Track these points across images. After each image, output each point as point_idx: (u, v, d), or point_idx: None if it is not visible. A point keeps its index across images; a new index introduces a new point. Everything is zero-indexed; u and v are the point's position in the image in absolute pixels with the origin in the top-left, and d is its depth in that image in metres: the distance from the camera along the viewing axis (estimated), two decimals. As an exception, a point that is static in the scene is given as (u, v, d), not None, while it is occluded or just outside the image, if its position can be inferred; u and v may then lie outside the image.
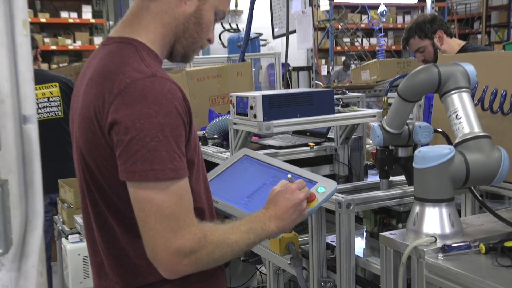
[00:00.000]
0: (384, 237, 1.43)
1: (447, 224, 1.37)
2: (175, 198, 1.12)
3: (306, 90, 2.14)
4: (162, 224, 1.10)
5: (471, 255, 1.28)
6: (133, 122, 1.11)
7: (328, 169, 2.37)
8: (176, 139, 1.14)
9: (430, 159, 1.37)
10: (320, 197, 1.39)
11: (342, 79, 10.12)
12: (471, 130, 1.44)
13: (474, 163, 1.40)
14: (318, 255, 1.74)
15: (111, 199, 1.23)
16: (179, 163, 1.13)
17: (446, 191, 1.38)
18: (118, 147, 1.13)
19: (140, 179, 1.10)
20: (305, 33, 3.84)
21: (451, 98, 1.49)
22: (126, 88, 1.13)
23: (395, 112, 1.65)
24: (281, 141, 2.45)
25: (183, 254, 1.11)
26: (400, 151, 1.74)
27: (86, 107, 1.20)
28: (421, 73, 1.54)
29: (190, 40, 1.31)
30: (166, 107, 1.12)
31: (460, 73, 1.51)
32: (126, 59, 1.19)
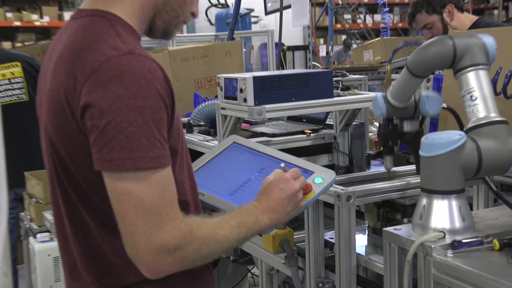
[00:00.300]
0: (387, 232, 1.44)
1: (457, 218, 1.37)
2: (157, 189, 1.12)
3: (302, 71, 2.15)
4: (143, 218, 1.10)
5: (484, 252, 1.29)
6: (108, 105, 1.10)
7: (327, 159, 2.38)
8: (157, 124, 1.13)
9: (438, 146, 1.37)
10: (317, 188, 1.40)
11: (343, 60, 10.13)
12: (486, 114, 1.44)
13: (487, 151, 1.40)
14: (315, 254, 1.75)
15: (85, 192, 1.23)
16: (160, 151, 1.13)
17: (456, 182, 1.39)
18: (92, 133, 1.12)
19: (117, 168, 1.10)
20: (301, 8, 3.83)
21: (467, 76, 1.48)
22: (100, 67, 1.13)
23: (402, 86, 1.63)
24: (274, 128, 2.46)
25: (167, 251, 1.11)
26: (406, 125, 1.73)
27: (56, 89, 1.20)
28: (434, 45, 1.52)
29: (172, 14, 1.30)
30: (146, 88, 1.12)
31: (478, 47, 1.49)
32: (99, 34, 1.18)
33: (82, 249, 1.28)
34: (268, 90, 1.97)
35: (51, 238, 2.96)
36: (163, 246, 1.11)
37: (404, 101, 1.66)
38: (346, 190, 1.62)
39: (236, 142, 1.62)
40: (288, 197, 1.31)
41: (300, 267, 1.83)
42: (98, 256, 1.26)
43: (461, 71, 1.49)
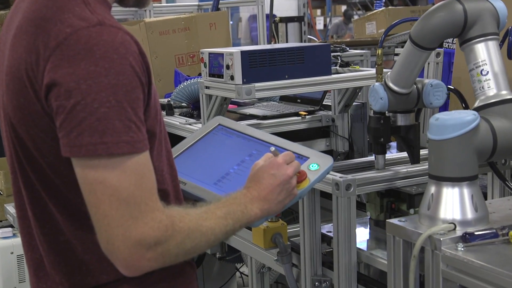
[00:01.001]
0: (391, 225, 1.45)
1: (469, 208, 1.38)
2: (134, 177, 1.12)
3: (296, 45, 2.14)
4: (119, 209, 1.10)
5: (498, 245, 1.30)
6: (77, 83, 1.09)
7: (324, 144, 2.39)
8: (132, 104, 1.13)
9: (450, 128, 1.37)
10: (312, 176, 1.40)
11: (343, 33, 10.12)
12: (498, 92, 1.46)
13: (502, 132, 1.42)
14: (311, 249, 1.75)
15: (51, 181, 1.23)
16: (136, 134, 1.13)
17: (469, 167, 1.39)
18: (58, 115, 1.11)
19: (88, 154, 1.09)
20: (295, -25, 3.82)
21: (476, 48, 1.49)
22: (66, 40, 1.11)
23: (406, 64, 1.63)
24: (265, 110, 2.46)
25: (147, 245, 1.11)
26: (400, 118, 1.74)
27: (15, 65, 1.19)
28: (441, 10, 1.52)
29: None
30: (119, 63, 1.11)
31: (490, 13, 1.50)
32: (64, 3, 1.17)
33: (49, 245, 1.28)
34: (258, 66, 1.97)
35: (14, 233, 2.95)
36: (142, 240, 1.10)
37: (408, 85, 1.66)
38: (346, 178, 1.63)
39: (222, 125, 1.62)
40: (281, 184, 1.31)
41: (295, 264, 1.84)
42: (67, 252, 1.26)
43: (470, 41, 1.50)
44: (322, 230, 1.79)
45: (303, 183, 1.38)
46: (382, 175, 1.73)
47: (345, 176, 1.65)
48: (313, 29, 7.99)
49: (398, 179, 1.74)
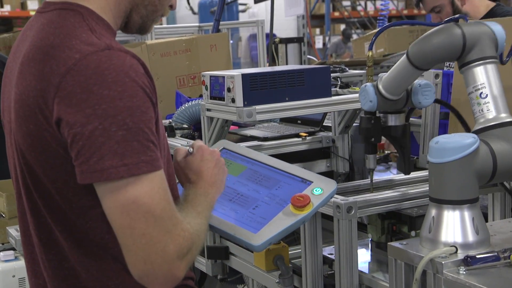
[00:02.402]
0: (393, 247, 1.44)
1: (471, 231, 1.38)
2: (162, 192, 1.14)
3: (296, 67, 2.15)
4: (156, 226, 1.11)
5: (501, 269, 1.30)
6: (93, 108, 1.10)
7: (325, 165, 2.39)
8: (148, 124, 1.15)
9: (450, 151, 1.37)
10: (316, 200, 1.40)
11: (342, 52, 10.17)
12: (497, 114, 1.46)
13: (502, 155, 1.42)
14: (313, 271, 1.75)
15: (59, 207, 1.23)
16: (154, 153, 1.15)
17: (469, 190, 1.39)
18: (75, 143, 1.12)
19: (110, 177, 1.10)
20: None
21: (475, 71, 1.49)
22: (75, 65, 1.13)
23: (399, 78, 1.63)
24: (266, 131, 2.46)
25: (182, 255, 1.14)
26: (391, 118, 1.74)
27: (25, 92, 1.20)
28: (440, 34, 1.52)
29: (150, 8, 1.32)
30: (131, 86, 1.13)
31: (488, 37, 1.51)
32: (71, 30, 1.19)
33: (53, 271, 1.28)
34: (259, 89, 1.97)
35: (16, 256, 2.94)
36: (179, 251, 1.13)
37: (397, 94, 1.66)
38: (347, 201, 1.63)
39: (226, 148, 1.63)
40: (216, 164, 1.37)
41: (296, 286, 1.83)
42: (71, 279, 1.26)
43: (469, 64, 1.50)
44: (324, 253, 1.79)
45: (307, 207, 1.38)
46: (383, 197, 1.73)
47: (346, 198, 1.65)
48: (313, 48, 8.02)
49: (399, 201, 1.74)
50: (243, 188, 1.49)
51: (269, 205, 1.43)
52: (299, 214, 1.38)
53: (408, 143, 1.78)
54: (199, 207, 1.28)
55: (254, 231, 1.37)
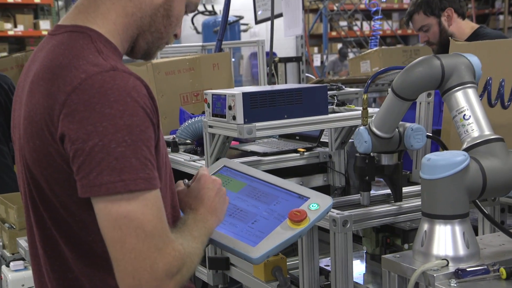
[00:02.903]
0: (387, 260, 1.44)
1: (461, 245, 1.38)
2: (155, 210, 1.12)
3: (295, 86, 2.15)
4: (145, 242, 1.09)
5: (490, 281, 1.30)
6: (93, 125, 1.10)
7: (322, 179, 2.38)
8: (147, 143, 1.14)
9: (441, 168, 1.38)
10: (312, 215, 1.40)
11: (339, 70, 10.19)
12: (481, 133, 1.47)
13: (491, 171, 1.42)
14: (310, 282, 1.74)
15: (63, 220, 1.22)
16: (152, 172, 1.14)
17: (460, 206, 1.40)
18: (76, 158, 1.11)
19: (108, 192, 1.09)
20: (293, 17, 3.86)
21: (456, 96, 1.52)
22: (81, 84, 1.13)
23: (388, 112, 1.65)
24: (265, 147, 2.46)
25: (171, 274, 1.11)
26: (384, 158, 1.76)
27: (33, 110, 1.20)
28: (421, 65, 1.55)
29: (156, 35, 1.32)
30: (132, 106, 1.12)
31: (465, 66, 1.54)
32: (79, 51, 1.19)
33: (58, 282, 1.27)
34: (259, 107, 1.97)
35: (25, 266, 2.93)
36: (168, 270, 1.11)
37: (390, 130, 1.69)
38: (342, 215, 1.63)
39: (227, 166, 1.63)
40: (217, 193, 1.36)
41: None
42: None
43: (450, 90, 1.53)
44: (320, 264, 1.79)
45: (304, 222, 1.38)
46: (377, 212, 1.73)
47: (342, 212, 1.65)
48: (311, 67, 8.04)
49: (392, 215, 1.74)
50: (243, 204, 1.48)
51: (267, 219, 1.42)
52: (296, 228, 1.38)
53: (400, 180, 1.81)
54: (196, 232, 1.26)
55: (253, 245, 1.37)
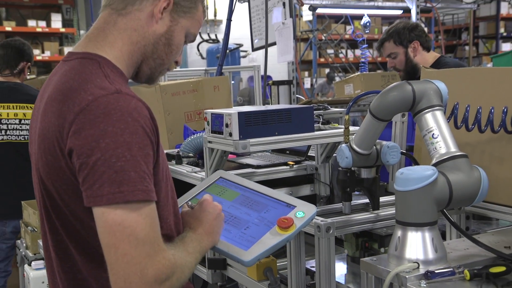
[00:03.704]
0: (365, 263, 1.43)
1: (430, 249, 1.37)
2: (149, 220, 1.10)
3: (285, 106, 2.14)
4: (137, 248, 1.07)
5: (456, 282, 1.28)
6: (97, 142, 1.09)
7: (309, 189, 2.36)
8: (145, 159, 1.12)
9: (413, 181, 1.37)
10: (298, 222, 1.38)
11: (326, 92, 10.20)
12: (447, 150, 1.47)
13: (457, 184, 1.41)
14: (297, 282, 1.72)
15: (73, 226, 1.21)
16: (149, 185, 1.12)
17: (429, 214, 1.39)
18: (81, 171, 1.10)
19: (108, 202, 1.07)
20: (285, 45, 3.86)
21: (425, 117, 1.52)
22: (88, 105, 1.12)
23: (366, 131, 1.65)
24: (259, 160, 2.45)
25: (160, 281, 1.08)
26: (363, 172, 1.76)
27: (46, 127, 1.19)
28: (395, 90, 1.56)
29: (158, 61, 1.31)
30: (132, 125, 1.11)
31: (433, 91, 1.54)
32: (88, 76, 1.18)
33: (68, 282, 1.26)
34: (252, 125, 1.96)
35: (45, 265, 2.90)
36: (157, 276, 1.08)
37: (368, 148, 1.68)
38: (326, 222, 1.61)
39: (223, 177, 1.61)
40: (216, 218, 1.34)
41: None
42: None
43: (420, 112, 1.53)
44: (306, 265, 1.76)
45: (291, 228, 1.36)
46: (357, 219, 1.71)
47: (326, 219, 1.63)
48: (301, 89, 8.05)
49: (370, 222, 1.72)
50: (236, 212, 1.46)
51: (258, 226, 1.41)
52: (284, 234, 1.36)
53: (377, 192, 1.80)
54: (190, 248, 1.24)
55: (245, 249, 1.35)
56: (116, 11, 1.26)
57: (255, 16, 4.38)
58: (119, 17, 1.26)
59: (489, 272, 1.27)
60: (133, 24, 1.26)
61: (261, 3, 4.11)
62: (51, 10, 9.10)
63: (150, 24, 1.26)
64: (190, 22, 1.31)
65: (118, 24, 1.26)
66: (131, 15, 1.26)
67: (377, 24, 12.14)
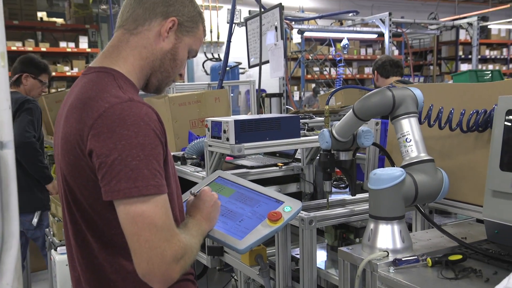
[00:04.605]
0: (342, 251, 1.41)
1: (398, 240, 1.35)
2: (164, 210, 1.09)
3: (275, 115, 2.12)
4: (157, 234, 1.06)
5: (419, 268, 1.27)
6: (114, 144, 1.07)
7: (295, 187, 2.35)
8: (156, 158, 1.11)
9: (384, 181, 1.36)
10: (286, 216, 1.37)
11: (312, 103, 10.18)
12: (418, 154, 1.45)
13: (422, 184, 1.40)
14: (284, 267, 1.70)
15: (91, 218, 1.19)
16: (160, 180, 1.10)
17: (398, 210, 1.37)
18: (101, 169, 1.08)
19: (125, 196, 1.06)
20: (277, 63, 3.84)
21: (402, 123, 1.49)
22: (105, 112, 1.10)
23: (347, 126, 1.62)
24: (253, 162, 2.43)
25: (176, 260, 1.08)
26: (342, 154, 1.72)
27: (68, 132, 1.17)
28: (377, 95, 1.52)
29: (165, 74, 1.29)
30: (144, 128, 1.10)
31: (411, 98, 1.51)
32: (104, 86, 1.16)
33: (86, 266, 1.23)
34: (247, 131, 1.94)
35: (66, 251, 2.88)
36: (174, 256, 1.08)
37: (346, 137, 1.66)
38: (309, 215, 1.59)
39: (221, 176, 1.59)
40: (213, 205, 1.33)
41: (272, 277, 1.78)
42: (99, 272, 1.21)
43: (398, 117, 1.50)
44: (292, 253, 1.74)
45: (279, 221, 1.35)
46: (336, 213, 1.69)
47: (309, 214, 1.61)
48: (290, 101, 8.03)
49: (347, 216, 1.70)
50: (232, 206, 1.44)
51: (251, 219, 1.39)
52: (273, 226, 1.34)
53: (354, 172, 1.76)
54: (194, 232, 1.23)
55: (239, 239, 1.33)
56: (128, 31, 1.25)
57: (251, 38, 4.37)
58: (131, 36, 1.24)
59: (448, 259, 1.26)
60: (143, 42, 1.24)
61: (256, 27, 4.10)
62: (79, 33, 9.15)
63: (158, 42, 1.25)
64: (192, 40, 1.29)
65: (130, 42, 1.24)
66: (142, 34, 1.24)
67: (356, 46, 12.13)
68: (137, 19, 1.24)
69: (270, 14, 4.00)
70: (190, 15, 1.27)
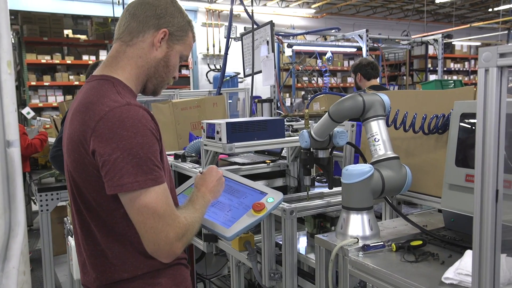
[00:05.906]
0: (318, 238, 1.39)
1: (367, 228, 1.33)
2: (164, 198, 1.08)
3: (262, 118, 2.10)
4: (160, 221, 1.07)
5: (385, 253, 1.25)
6: (116, 144, 1.05)
7: (282, 182, 2.33)
8: (154, 154, 1.10)
9: (355, 176, 1.34)
10: (269, 206, 1.35)
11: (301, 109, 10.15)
12: (385, 152, 1.43)
13: (388, 178, 1.38)
14: (269, 252, 1.68)
15: (94, 209, 1.17)
16: (158, 173, 1.09)
17: (367, 201, 1.35)
18: (104, 167, 1.07)
19: (127, 190, 1.06)
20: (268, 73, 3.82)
21: (371, 124, 1.48)
22: (105, 115, 1.08)
23: (323, 127, 1.61)
24: (244, 159, 2.41)
25: (178, 239, 1.09)
26: (320, 153, 1.72)
27: (73, 133, 1.15)
28: (350, 100, 1.51)
29: (159, 79, 1.27)
30: (142, 129, 1.08)
31: (379, 102, 1.50)
32: (104, 92, 1.14)
33: (90, 252, 1.21)
34: (237, 132, 1.92)
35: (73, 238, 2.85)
36: (175, 236, 1.08)
37: (324, 137, 1.65)
38: (290, 206, 1.57)
39: None
40: (218, 179, 1.33)
41: (259, 261, 1.76)
42: (101, 257, 1.19)
43: (368, 120, 1.49)
44: (276, 240, 1.72)
45: (263, 211, 1.33)
46: (314, 204, 1.67)
47: (290, 205, 1.59)
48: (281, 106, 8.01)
49: (324, 207, 1.68)
50: (221, 198, 1.42)
51: (238, 209, 1.37)
52: (257, 215, 1.32)
53: (331, 168, 1.74)
54: (197, 205, 1.23)
55: (227, 227, 1.31)
56: (125, 43, 1.23)
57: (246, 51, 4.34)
58: (127, 48, 1.22)
59: (410, 245, 1.24)
60: (138, 52, 1.22)
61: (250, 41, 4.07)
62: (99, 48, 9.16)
63: (152, 52, 1.23)
64: (183, 47, 1.27)
65: (127, 53, 1.22)
66: (137, 45, 1.22)
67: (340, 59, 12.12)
68: (132, 31, 1.22)
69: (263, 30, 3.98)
70: (179, 25, 1.25)
